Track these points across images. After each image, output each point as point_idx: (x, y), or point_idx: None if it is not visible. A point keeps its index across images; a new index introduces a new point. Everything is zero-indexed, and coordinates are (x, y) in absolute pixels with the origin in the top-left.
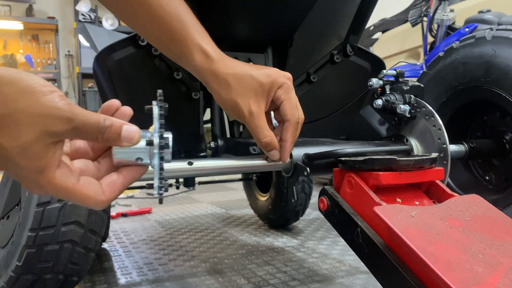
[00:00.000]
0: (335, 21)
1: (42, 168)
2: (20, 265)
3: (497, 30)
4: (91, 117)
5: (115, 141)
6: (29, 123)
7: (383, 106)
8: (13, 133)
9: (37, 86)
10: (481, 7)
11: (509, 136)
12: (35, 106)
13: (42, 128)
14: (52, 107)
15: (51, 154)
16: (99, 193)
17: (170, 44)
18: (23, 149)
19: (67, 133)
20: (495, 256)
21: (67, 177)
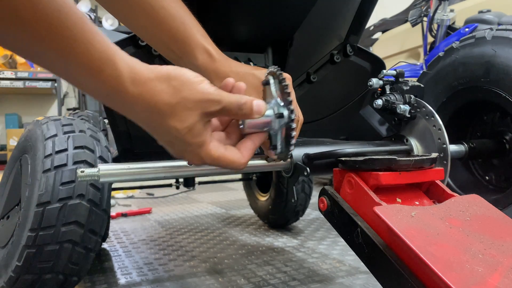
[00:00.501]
0: (335, 21)
1: (202, 143)
2: (20, 265)
3: (497, 30)
4: (233, 97)
5: (249, 114)
6: (193, 107)
7: (383, 106)
8: (182, 117)
9: (193, 77)
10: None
11: (509, 136)
12: (195, 94)
13: (202, 110)
14: (206, 93)
15: (207, 131)
16: (240, 157)
17: (172, 44)
18: (190, 129)
19: (218, 112)
20: (495, 256)
21: (218, 147)
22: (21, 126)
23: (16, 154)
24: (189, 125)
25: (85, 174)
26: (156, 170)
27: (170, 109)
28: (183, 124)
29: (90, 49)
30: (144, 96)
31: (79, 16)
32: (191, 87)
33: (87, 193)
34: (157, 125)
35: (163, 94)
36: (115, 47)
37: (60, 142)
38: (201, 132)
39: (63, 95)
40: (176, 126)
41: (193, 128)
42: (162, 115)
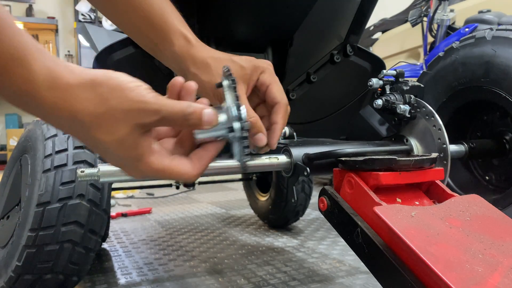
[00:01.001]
0: (335, 21)
1: (139, 156)
2: (20, 265)
3: (497, 30)
4: (176, 106)
5: (198, 125)
6: (122, 118)
7: (383, 106)
8: (110, 128)
9: (125, 83)
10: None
11: (509, 136)
12: (126, 102)
13: (134, 121)
14: (140, 101)
15: (144, 143)
16: (190, 168)
17: (149, 31)
18: (120, 142)
19: (156, 123)
20: (495, 256)
21: (162, 159)
22: (21, 126)
23: (16, 154)
24: (119, 138)
25: (85, 174)
26: None
27: (95, 120)
28: (111, 137)
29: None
30: (62, 104)
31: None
32: (121, 94)
33: (87, 193)
34: (82, 137)
35: (85, 103)
36: (35, 47)
37: (60, 142)
38: (136, 144)
39: None
40: (103, 139)
41: (124, 141)
42: (85, 126)
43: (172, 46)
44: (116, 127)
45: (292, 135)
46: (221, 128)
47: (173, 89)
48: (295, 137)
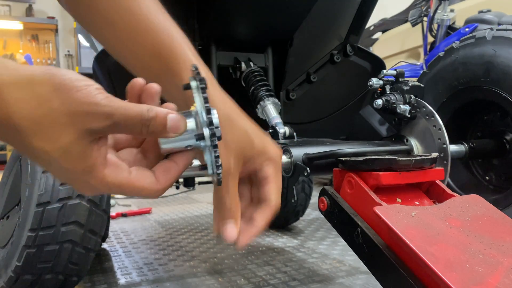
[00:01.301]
0: (335, 21)
1: (89, 169)
2: (20, 265)
3: (497, 30)
4: (132, 110)
5: (161, 133)
6: (67, 122)
7: (383, 106)
8: (51, 135)
9: (70, 82)
10: (481, 7)
11: (509, 136)
12: (71, 104)
13: (81, 126)
14: (88, 103)
15: (95, 152)
16: (153, 182)
17: (152, 60)
18: (65, 151)
19: (108, 129)
20: (495, 256)
21: (118, 172)
22: None
23: (16, 154)
24: (63, 146)
25: None
26: None
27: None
28: (53, 145)
29: None
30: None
31: None
32: (66, 95)
33: None
34: (19, 145)
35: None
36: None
37: None
38: (85, 154)
39: None
40: (43, 147)
41: (69, 150)
42: (21, 132)
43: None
44: (59, 133)
45: (292, 135)
46: (189, 137)
47: (132, 92)
48: (295, 137)
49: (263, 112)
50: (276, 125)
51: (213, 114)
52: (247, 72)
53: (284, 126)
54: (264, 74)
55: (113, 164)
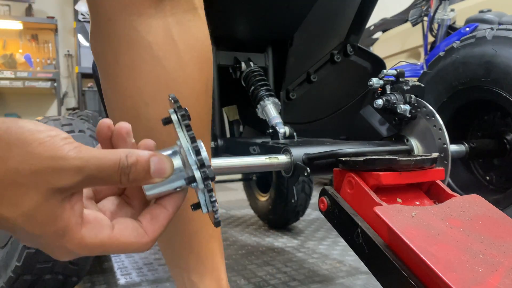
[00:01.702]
0: (335, 21)
1: (62, 232)
2: (20, 266)
3: (498, 30)
4: (107, 158)
5: (144, 179)
6: (29, 183)
7: (383, 106)
8: (12, 200)
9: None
10: (481, 6)
11: (510, 136)
12: (31, 161)
13: (47, 186)
14: (53, 157)
15: (68, 212)
16: (140, 235)
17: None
18: (29, 216)
19: (80, 184)
20: (496, 256)
21: (98, 231)
22: None
23: None
24: (26, 210)
25: None
26: None
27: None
28: (16, 210)
29: None
30: None
31: None
32: (25, 151)
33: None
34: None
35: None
36: None
37: None
38: (55, 216)
39: (62, 95)
40: (3, 214)
41: (35, 214)
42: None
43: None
44: (21, 197)
45: (292, 135)
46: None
47: (101, 136)
48: (295, 137)
49: (263, 112)
50: (276, 125)
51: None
52: (247, 72)
53: (284, 126)
54: (264, 74)
55: (92, 221)
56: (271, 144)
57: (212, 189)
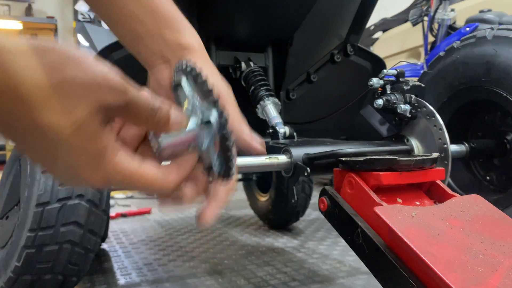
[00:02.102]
0: (335, 21)
1: (103, 151)
2: (19, 266)
3: (498, 29)
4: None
5: (165, 124)
6: (81, 94)
7: (383, 106)
8: (64, 107)
9: (85, 54)
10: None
11: (510, 136)
12: (86, 74)
13: (95, 100)
14: (104, 77)
15: (108, 133)
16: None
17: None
18: (78, 127)
19: (120, 108)
20: (496, 256)
21: (131, 159)
22: None
23: (15, 154)
24: (77, 119)
25: None
26: None
27: (44, 96)
28: (67, 118)
29: None
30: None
31: None
32: (80, 66)
33: (86, 193)
34: (18, 123)
35: (30, 73)
36: None
37: None
38: (98, 134)
39: None
40: (54, 121)
41: (83, 125)
42: (28, 105)
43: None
44: (73, 105)
45: (292, 135)
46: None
47: None
48: (295, 137)
49: (263, 112)
50: (276, 125)
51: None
52: (247, 71)
53: (284, 126)
54: (264, 74)
55: (123, 150)
56: (271, 144)
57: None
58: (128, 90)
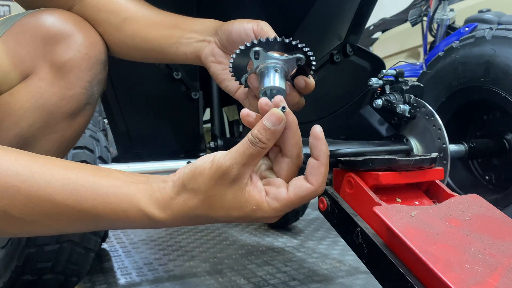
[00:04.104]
0: (334, 21)
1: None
2: (20, 266)
3: (497, 29)
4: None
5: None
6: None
7: (383, 106)
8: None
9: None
10: (481, 6)
11: (509, 135)
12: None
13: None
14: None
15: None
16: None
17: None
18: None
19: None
20: (495, 256)
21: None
22: None
23: None
24: (226, 204)
25: None
26: (156, 170)
27: (202, 208)
28: (222, 210)
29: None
30: (177, 215)
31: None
32: (202, 176)
33: None
34: (208, 221)
35: (188, 203)
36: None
37: None
38: (246, 198)
39: None
40: (217, 215)
41: (231, 203)
42: (201, 217)
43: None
44: (218, 199)
45: None
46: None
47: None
48: None
49: None
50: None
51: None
52: None
53: None
54: None
55: (270, 191)
56: None
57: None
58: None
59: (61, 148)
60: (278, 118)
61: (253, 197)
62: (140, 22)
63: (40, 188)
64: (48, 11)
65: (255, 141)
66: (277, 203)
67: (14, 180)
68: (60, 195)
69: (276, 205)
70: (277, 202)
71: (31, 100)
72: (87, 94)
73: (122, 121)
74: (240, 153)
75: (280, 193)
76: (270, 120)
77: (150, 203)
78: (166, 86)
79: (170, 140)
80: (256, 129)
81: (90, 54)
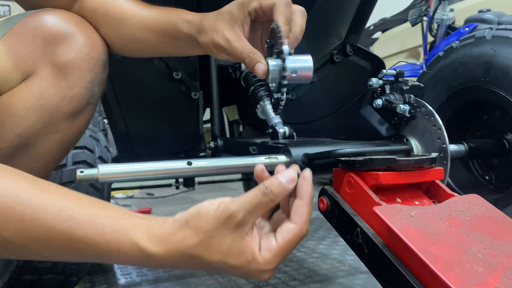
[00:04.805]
0: (334, 21)
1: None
2: (20, 266)
3: (497, 29)
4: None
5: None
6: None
7: (383, 106)
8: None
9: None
10: (481, 6)
11: (509, 135)
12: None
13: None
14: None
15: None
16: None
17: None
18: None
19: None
20: (495, 256)
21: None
22: None
23: None
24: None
25: (84, 174)
26: (156, 170)
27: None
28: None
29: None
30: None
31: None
32: (207, 215)
33: (86, 193)
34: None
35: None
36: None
37: None
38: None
39: None
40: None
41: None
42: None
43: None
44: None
45: (292, 135)
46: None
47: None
48: (294, 137)
49: (262, 112)
50: (276, 125)
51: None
52: (247, 72)
53: (283, 126)
54: None
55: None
56: (270, 144)
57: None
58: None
59: (62, 148)
60: (292, 178)
61: (250, 248)
62: (138, 20)
63: (35, 211)
64: (50, 12)
65: (267, 191)
66: (269, 253)
67: (10, 201)
68: (54, 220)
69: (268, 257)
70: (269, 252)
71: (33, 100)
72: (88, 94)
73: (122, 121)
74: (249, 200)
75: (270, 242)
76: (284, 177)
77: (146, 237)
78: (166, 86)
79: (170, 140)
80: (269, 181)
81: (92, 54)
